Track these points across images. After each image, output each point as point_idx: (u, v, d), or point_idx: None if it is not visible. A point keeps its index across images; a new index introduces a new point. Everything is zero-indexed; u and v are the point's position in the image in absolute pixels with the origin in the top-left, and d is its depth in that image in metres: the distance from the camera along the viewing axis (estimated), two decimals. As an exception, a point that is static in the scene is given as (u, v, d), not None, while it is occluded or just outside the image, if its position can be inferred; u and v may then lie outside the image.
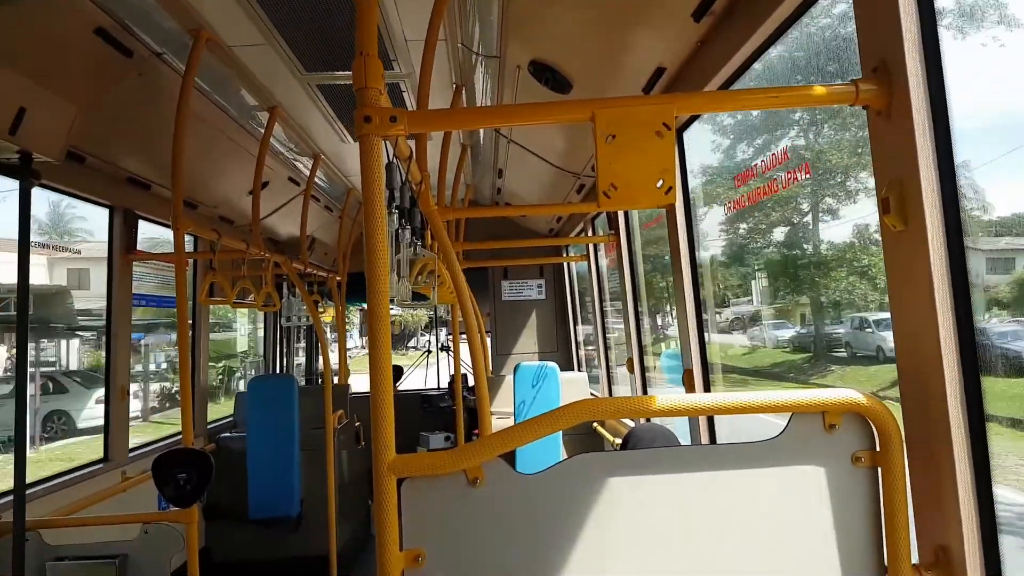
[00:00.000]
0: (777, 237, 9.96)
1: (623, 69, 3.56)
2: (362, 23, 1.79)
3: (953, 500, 1.66)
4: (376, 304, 1.72)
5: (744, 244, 10.73)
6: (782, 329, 10.64)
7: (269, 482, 5.84)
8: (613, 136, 1.77)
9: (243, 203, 5.95)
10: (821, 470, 1.72)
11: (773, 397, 1.71)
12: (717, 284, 11.42)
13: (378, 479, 1.67)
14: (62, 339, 18.77)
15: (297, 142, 5.42)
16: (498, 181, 7.00)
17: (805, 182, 8.34)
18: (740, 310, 11.87)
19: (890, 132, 1.77)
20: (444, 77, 4.16)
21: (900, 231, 1.75)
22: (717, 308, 11.72)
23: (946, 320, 1.66)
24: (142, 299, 8.44)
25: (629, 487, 1.73)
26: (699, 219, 6.18)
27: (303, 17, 3.35)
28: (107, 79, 3.52)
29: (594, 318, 7.14)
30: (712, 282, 11.12)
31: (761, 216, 9.51)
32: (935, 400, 1.69)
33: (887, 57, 1.75)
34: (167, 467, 3.30)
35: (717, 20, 2.69)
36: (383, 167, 1.76)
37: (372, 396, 1.72)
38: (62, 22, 3.02)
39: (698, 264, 3.67)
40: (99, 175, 4.49)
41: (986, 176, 3.67)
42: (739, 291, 11.73)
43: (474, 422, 7.67)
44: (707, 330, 3.65)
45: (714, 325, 11.36)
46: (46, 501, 3.95)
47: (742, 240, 10.61)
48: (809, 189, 8.46)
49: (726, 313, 11.84)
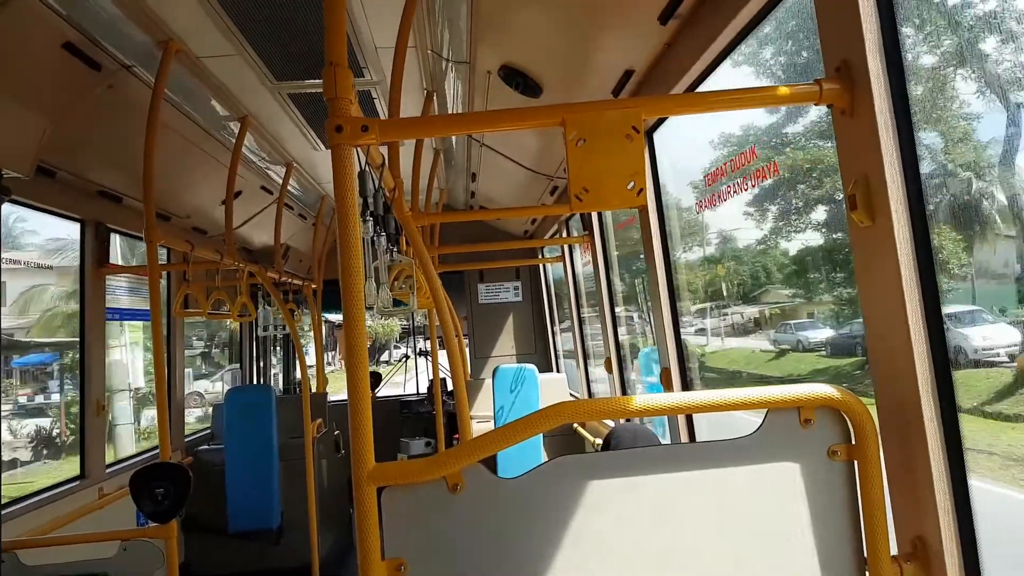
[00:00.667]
0: (815, 218, 8.55)
1: (592, 72, 3.59)
2: (331, 33, 1.80)
3: (929, 491, 1.69)
4: (352, 312, 1.72)
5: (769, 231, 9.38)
6: (811, 330, 9.27)
7: (248, 494, 5.80)
8: (583, 140, 1.78)
9: (216, 213, 5.91)
10: (798, 465, 1.74)
11: (748, 394, 1.74)
12: (730, 280, 10.53)
13: (358, 489, 1.67)
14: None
15: (269, 151, 5.39)
16: (472, 185, 7.01)
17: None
18: (757, 308, 10.48)
19: (854, 130, 1.81)
20: (415, 83, 4.17)
21: (867, 227, 1.79)
22: (734, 306, 10.63)
23: (915, 313, 1.70)
24: (115, 313, 8.33)
25: (610, 488, 1.74)
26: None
27: (273, 27, 3.34)
28: (76, 93, 3.49)
29: (571, 319, 7.16)
30: (724, 279, 10.46)
31: (790, 194, 8.27)
32: (907, 392, 1.73)
33: (849, 57, 1.79)
34: (145, 482, 3.26)
35: (683, 23, 2.73)
36: (355, 176, 1.77)
37: (350, 404, 1.72)
38: (29, 37, 2.99)
39: (672, 264, 3.71)
40: (70, 189, 4.44)
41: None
42: (762, 286, 10.35)
43: (454, 426, 7.66)
44: (721, 335, 3.68)
45: (731, 328, 10.58)
46: (23, 520, 3.89)
47: (767, 225, 9.26)
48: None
49: (747, 312, 10.52)
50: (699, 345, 10.53)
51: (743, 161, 3.21)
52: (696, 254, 10.61)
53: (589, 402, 2.25)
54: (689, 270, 10.42)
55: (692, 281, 10.58)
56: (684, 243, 9.79)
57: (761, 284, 10.31)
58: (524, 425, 1.73)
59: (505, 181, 6.72)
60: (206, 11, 3.13)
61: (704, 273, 10.76)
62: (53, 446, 13.93)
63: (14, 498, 4.10)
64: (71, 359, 15.61)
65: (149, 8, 3.08)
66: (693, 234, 10.29)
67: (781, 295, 10.17)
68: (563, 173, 5.43)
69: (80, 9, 2.96)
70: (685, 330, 3.76)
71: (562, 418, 1.76)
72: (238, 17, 3.22)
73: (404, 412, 8.88)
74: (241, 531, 5.74)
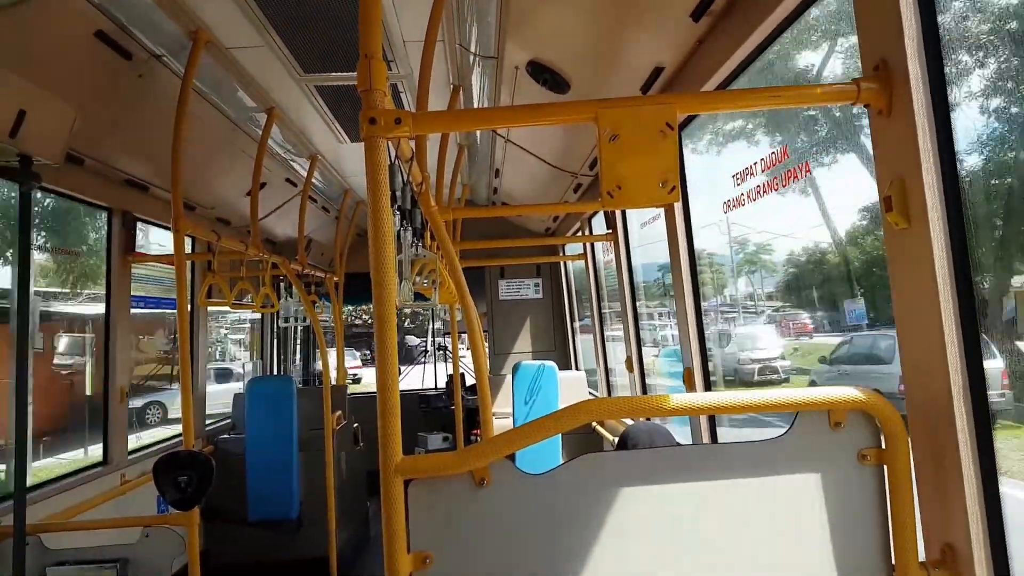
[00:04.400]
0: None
1: (621, 69, 3.57)
2: (365, 25, 1.79)
3: (959, 497, 1.67)
4: (383, 307, 1.72)
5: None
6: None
7: (268, 484, 5.83)
8: (616, 136, 1.77)
9: (240, 204, 5.95)
10: (827, 468, 1.72)
11: (778, 395, 1.72)
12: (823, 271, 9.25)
13: (385, 481, 1.67)
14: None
15: (295, 143, 5.41)
16: (495, 181, 7.01)
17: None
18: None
19: (891, 131, 1.78)
20: (442, 77, 4.17)
21: (903, 229, 1.76)
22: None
23: (950, 317, 1.67)
24: (140, 301, 8.39)
25: (635, 487, 1.73)
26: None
27: (301, 18, 3.35)
28: (106, 81, 3.52)
29: (592, 317, 7.14)
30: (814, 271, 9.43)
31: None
32: (940, 397, 1.70)
33: (888, 56, 1.76)
34: (168, 470, 3.29)
35: (716, 19, 2.70)
36: (386, 169, 1.76)
37: (379, 397, 1.72)
38: (62, 25, 3.01)
39: (697, 261, 3.68)
40: (98, 177, 4.49)
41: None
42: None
43: (472, 422, 7.67)
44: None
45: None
46: (46, 504, 3.94)
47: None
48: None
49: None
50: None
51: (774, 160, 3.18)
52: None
53: (615, 400, 2.25)
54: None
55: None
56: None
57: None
58: (550, 422, 1.73)
59: (528, 177, 6.71)
60: (236, 2, 3.15)
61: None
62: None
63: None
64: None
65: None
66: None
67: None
68: (587, 171, 5.41)
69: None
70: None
71: (589, 416, 1.75)
72: (268, 8, 3.23)
73: (422, 407, 8.90)
74: (260, 521, 5.77)
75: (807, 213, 9.53)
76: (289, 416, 5.92)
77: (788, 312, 10.87)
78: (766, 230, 10.57)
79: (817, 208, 8.32)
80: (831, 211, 8.31)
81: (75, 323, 12.12)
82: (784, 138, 7.36)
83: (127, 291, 4.99)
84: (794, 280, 10.47)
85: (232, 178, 5.60)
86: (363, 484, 7.30)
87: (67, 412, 11.70)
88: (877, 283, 7.69)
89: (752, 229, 10.72)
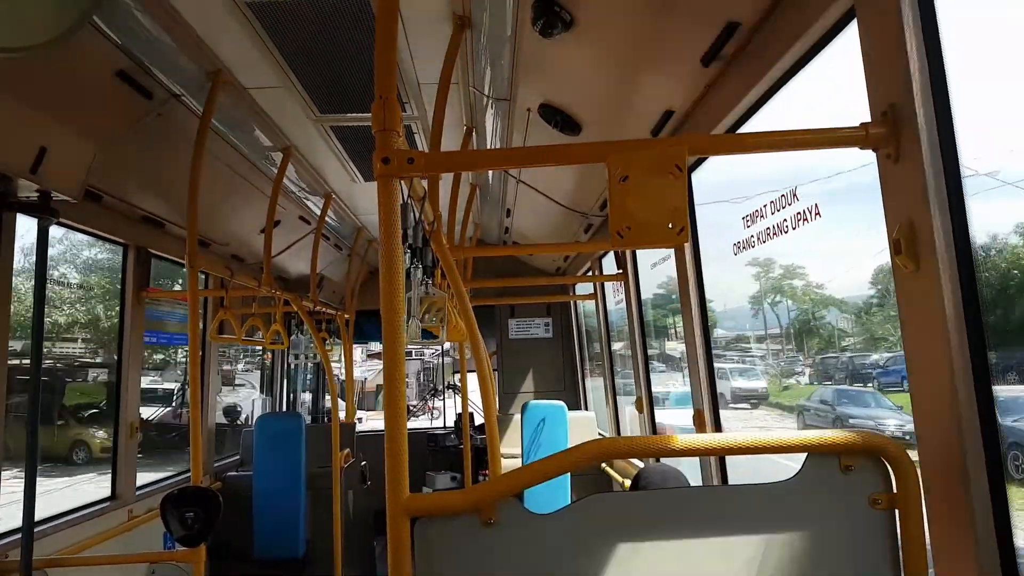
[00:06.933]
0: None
1: (632, 111, 3.62)
2: (381, 67, 1.83)
3: (973, 544, 1.64)
4: (392, 344, 1.73)
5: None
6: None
7: (275, 521, 5.80)
8: (626, 177, 1.79)
9: (254, 241, 6.00)
10: (838, 512, 1.70)
11: (787, 437, 1.71)
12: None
13: (392, 519, 1.66)
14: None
15: (309, 182, 5.48)
16: (506, 220, 7.05)
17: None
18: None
19: (899, 175, 1.79)
20: (455, 118, 4.23)
21: (912, 272, 1.76)
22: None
23: (961, 361, 1.66)
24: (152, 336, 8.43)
25: (644, 528, 1.72)
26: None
27: (319, 60, 3.42)
28: (126, 119, 3.58)
29: (603, 357, 7.12)
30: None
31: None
32: (951, 441, 1.69)
33: (896, 101, 1.78)
34: (175, 505, 3.28)
35: (725, 65, 2.74)
36: (399, 209, 1.79)
37: (387, 435, 1.72)
38: (85, 64, 3.08)
39: (706, 303, 3.68)
40: (114, 213, 4.55)
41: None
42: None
43: (480, 462, 7.62)
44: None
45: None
46: (54, 539, 3.93)
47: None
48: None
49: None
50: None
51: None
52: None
53: (624, 440, 2.23)
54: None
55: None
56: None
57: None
58: (558, 461, 1.72)
59: (540, 217, 6.75)
60: (254, 43, 3.22)
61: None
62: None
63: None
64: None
65: (200, 38, 3.18)
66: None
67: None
68: (598, 211, 5.44)
69: (135, 38, 3.05)
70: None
71: (598, 456, 1.74)
72: (286, 49, 3.30)
73: (431, 445, 8.86)
74: (266, 558, 5.73)
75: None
76: (297, 453, 5.91)
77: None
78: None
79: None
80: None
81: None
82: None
83: (141, 326, 5.02)
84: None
85: (246, 216, 5.66)
86: (370, 523, 7.24)
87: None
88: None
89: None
